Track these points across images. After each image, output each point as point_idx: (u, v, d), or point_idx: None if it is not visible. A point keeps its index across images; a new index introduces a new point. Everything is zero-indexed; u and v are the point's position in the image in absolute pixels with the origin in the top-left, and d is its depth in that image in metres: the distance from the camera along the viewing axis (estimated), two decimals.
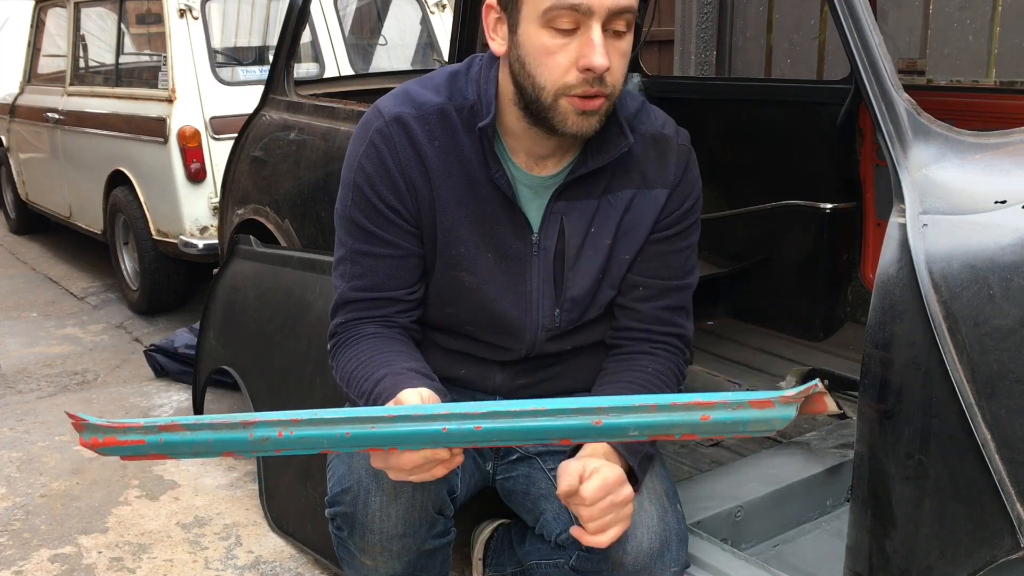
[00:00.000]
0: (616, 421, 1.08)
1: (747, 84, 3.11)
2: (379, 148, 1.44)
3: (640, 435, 1.10)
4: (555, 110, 1.32)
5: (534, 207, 1.47)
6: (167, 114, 3.97)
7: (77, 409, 3.28)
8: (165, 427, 1.09)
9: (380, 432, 1.10)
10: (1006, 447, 1.14)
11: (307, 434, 1.09)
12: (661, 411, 1.07)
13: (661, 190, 1.48)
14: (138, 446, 1.10)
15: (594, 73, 1.28)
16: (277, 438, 1.09)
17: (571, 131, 1.34)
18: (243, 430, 1.09)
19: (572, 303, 1.50)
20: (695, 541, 1.60)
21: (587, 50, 1.27)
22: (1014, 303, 1.13)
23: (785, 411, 1.05)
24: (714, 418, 1.06)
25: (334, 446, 1.11)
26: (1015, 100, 2.37)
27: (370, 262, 1.47)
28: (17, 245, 6.13)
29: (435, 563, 1.52)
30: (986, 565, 1.19)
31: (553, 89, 1.31)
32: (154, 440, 1.10)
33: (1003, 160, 1.26)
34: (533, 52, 1.31)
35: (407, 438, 1.10)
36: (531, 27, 1.30)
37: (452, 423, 1.09)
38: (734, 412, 1.06)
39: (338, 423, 1.09)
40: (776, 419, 1.06)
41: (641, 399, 1.08)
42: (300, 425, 1.09)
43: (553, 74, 1.30)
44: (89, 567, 2.30)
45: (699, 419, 1.06)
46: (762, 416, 1.06)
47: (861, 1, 1.32)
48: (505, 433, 1.10)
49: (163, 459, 1.14)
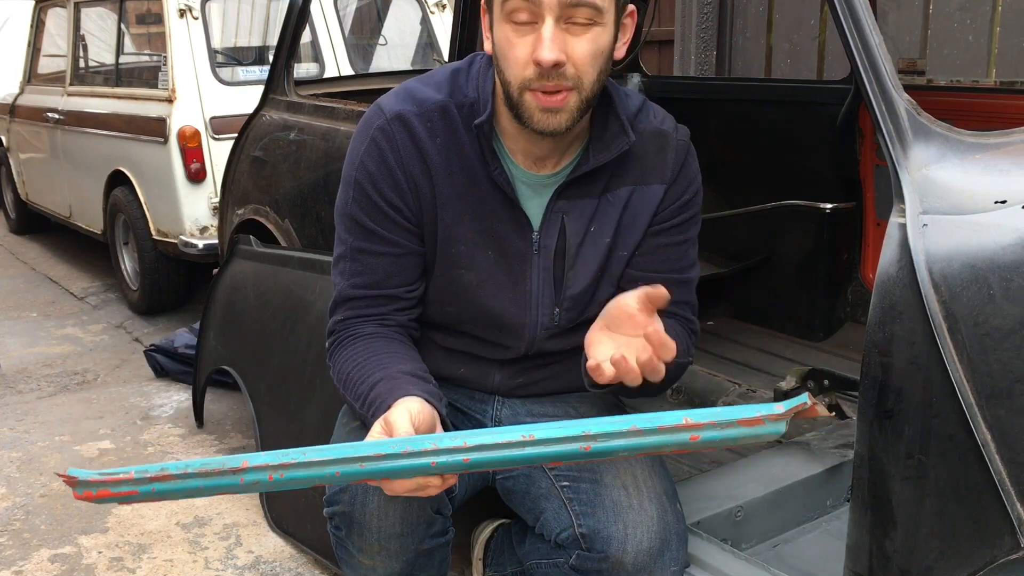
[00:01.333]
0: (604, 446, 1.08)
1: (747, 84, 3.11)
2: (381, 145, 1.44)
3: (630, 454, 1.10)
4: (522, 106, 1.33)
5: (534, 205, 1.47)
6: (167, 114, 3.97)
7: (76, 409, 3.28)
8: (156, 477, 1.12)
9: (369, 470, 1.11)
10: (1006, 447, 1.14)
11: (297, 475, 1.11)
12: (649, 434, 1.06)
13: (659, 185, 1.48)
14: (132, 496, 1.14)
15: (541, 65, 1.28)
16: (267, 481, 1.11)
17: (538, 127, 1.34)
18: (233, 476, 1.11)
19: (572, 302, 1.50)
20: (695, 541, 1.60)
21: (537, 43, 1.28)
22: (1014, 303, 1.13)
23: (774, 427, 1.04)
24: (703, 438, 1.06)
25: (326, 483, 1.15)
26: (1015, 100, 2.37)
27: (369, 260, 1.47)
28: (17, 245, 6.13)
29: (433, 562, 1.52)
30: (986, 565, 1.19)
31: (516, 83, 1.32)
32: (146, 490, 1.13)
33: (1003, 160, 1.26)
34: (500, 47, 1.33)
35: (396, 473, 1.12)
36: (499, 23, 1.32)
37: (440, 457, 1.10)
38: (723, 431, 1.05)
39: (327, 464, 1.10)
40: (766, 435, 1.05)
41: (627, 422, 1.07)
42: (290, 468, 1.10)
43: (514, 68, 1.31)
44: (89, 567, 2.30)
45: (688, 439, 1.06)
46: (751, 432, 1.05)
47: (861, 1, 1.32)
48: (494, 463, 1.11)
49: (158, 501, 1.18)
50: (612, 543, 1.42)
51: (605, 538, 1.43)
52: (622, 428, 1.06)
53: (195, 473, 1.11)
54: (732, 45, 4.96)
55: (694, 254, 1.54)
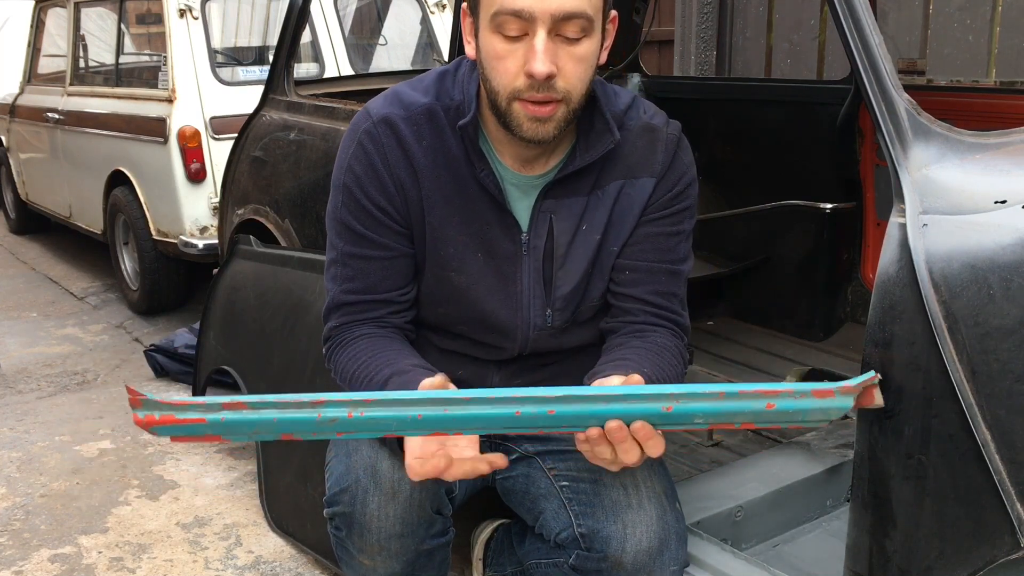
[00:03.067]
0: (685, 407, 1.09)
1: (747, 84, 3.11)
2: (367, 149, 1.44)
3: (704, 423, 1.10)
4: (510, 114, 1.33)
5: (523, 206, 1.47)
6: (167, 114, 3.97)
7: (76, 409, 3.28)
8: (228, 405, 1.05)
9: (453, 415, 1.08)
10: (1006, 447, 1.14)
11: (377, 415, 1.06)
12: (729, 398, 1.08)
13: (648, 179, 1.47)
14: (197, 425, 1.05)
15: (535, 79, 1.28)
16: (346, 418, 1.06)
17: (527, 136, 1.34)
18: (311, 409, 1.06)
19: (563, 301, 1.50)
20: (695, 541, 1.60)
21: (530, 56, 1.28)
22: (1014, 303, 1.13)
23: (844, 401, 1.08)
24: (778, 406, 1.08)
25: (401, 428, 1.09)
26: (1015, 100, 2.37)
27: (360, 264, 1.47)
28: (17, 245, 6.13)
29: (434, 563, 1.52)
30: (986, 565, 1.19)
31: (505, 93, 1.32)
32: (215, 419, 1.05)
33: (1003, 160, 1.26)
34: (488, 56, 1.32)
35: (480, 421, 1.09)
36: (485, 32, 1.32)
37: (527, 406, 1.08)
38: (797, 401, 1.08)
39: (411, 404, 1.07)
40: (835, 409, 1.08)
41: (711, 387, 1.09)
42: (371, 406, 1.06)
43: (504, 79, 1.31)
44: (89, 567, 2.30)
45: (764, 407, 1.08)
46: (822, 405, 1.08)
47: (861, 1, 1.32)
48: (576, 418, 1.10)
49: (215, 440, 1.09)
50: (611, 543, 1.42)
51: (604, 538, 1.43)
52: (705, 391, 1.08)
53: (270, 403, 1.06)
54: (732, 45, 4.97)
55: (686, 248, 1.53)
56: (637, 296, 1.49)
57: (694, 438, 2.33)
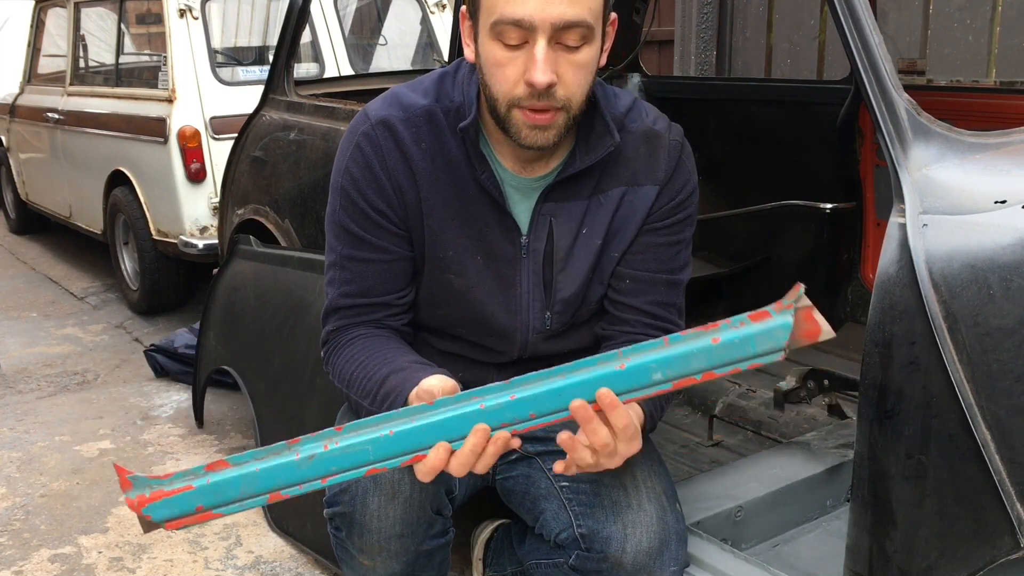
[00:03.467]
0: (637, 362, 1.11)
1: (747, 84, 3.11)
2: (365, 151, 1.43)
3: (664, 379, 1.11)
4: (509, 121, 1.33)
5: (523, 209, 1.47)
6: (167, 114, 3.97)
7: (76, 409, 3.28)
8: (211, 466, 1.10)
9: (422, 424, 1.11)
10: (1006, 447, 1.14)
11: (352, 442, 1.10)
12: (674, 344, 1.11)
13: (651, 187, 1.47)
14: (187, 494, 1.09)
15: (535, 88, 1.28)
16: (323, 451, 1.10)
17: (525, 143, 1.34)
18: (288, 451, 1.10)
19: (563, 305, 1.50)
20: (695, 541, 1.59)
21: (530, 65, 1.27)
22: (1014, 303, 1.13)
23: (782, 318, 1.10)
24: (723, 339, 1.10)
25: (378, 451, 1.12)
26: (1015, 100, 2.37)
27: (358, 267, 1.47)
28: (17, 245, 6.13)
29: (434, 563, 1.52)
30: (986, 565, 1.19)
31: (504, 100, 1.31)
32: (201, 483, 1.09)
33: (1003, 160, 1.26)
34: (487, 63, 1.32)
35: (449, 425, 1.12)
36: (484, 39, 1.31)
37: (488, 398, 1.12)
38: (738, 330, 1.10)
39: (380, 423, 1.11)
40: (777, 328, 1.10)
41: (652, 341, 1.12)
42: (343, 434, 1.11)
43: (503, 86, 1.31)
44: (89, 567, 2.30)
45: (710, 342, 1.10)
46: (764, 328, 1.10)
47: (861, 1, 1.32)
48: (539, 398, 1.12)
49: (208, 518, 1.12)
50: (611, 543, 1.42)
51: (604, 538, 1.43)
52: (651, 343, 1.12)
53: (249, 456, 1.10)
54: (732, 45, 4.97)
55: (686, 256, 1.53)
56: (635, 306, 1.49)
57: (694, 438, 2.33)
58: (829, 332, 1.13)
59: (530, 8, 1.23)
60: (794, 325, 1.10)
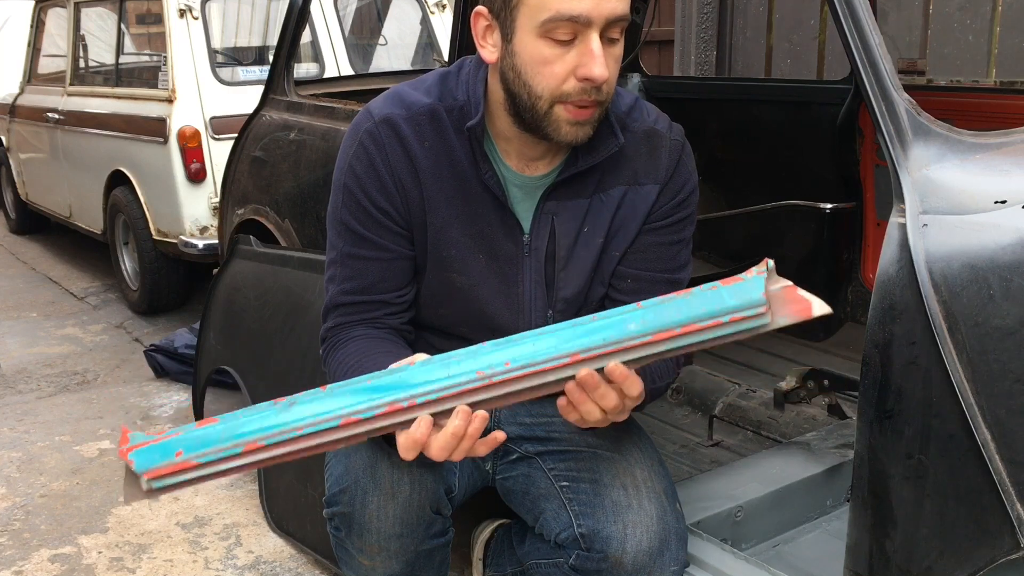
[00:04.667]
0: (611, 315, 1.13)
1: (747, 84, 3.11)
2: (368, 149, 1.43)
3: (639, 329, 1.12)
4: (549, 118, 1.33)
5: (525, 208, 1.47)
6: (167, 114, 3.97)
7: (76, 409, 3.28)
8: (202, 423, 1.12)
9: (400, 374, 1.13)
10: (1006, 447, 1.14)
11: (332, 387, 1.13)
12: (649, 308, 1.13)
13: (652, 186, 1.47)
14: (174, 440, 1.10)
15: (593, 83, 1.28)
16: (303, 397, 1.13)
17: (565, 139, 1.35)
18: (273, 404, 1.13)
19: (565, 304, 1.50)
20: (695, 541, 1.60)
21: (587, 60, 1.27)
22: (1014, 303, 1.13)
23: (755, 282, 1.12)
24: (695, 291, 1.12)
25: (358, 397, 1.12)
26: (1015, 100, 2.37)
27: (359, 265, 1.47)
28: (17, 245, 6.13)
29: (433, 563, 1.52)
30: (986, 565, 1.19)
31: (550, 97, 1.31)
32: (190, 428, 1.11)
33: (1003, 160, 1.26)
34: (530, 62, 1.31)
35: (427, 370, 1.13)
36: (527, 37, 1.30)
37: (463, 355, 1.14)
38: (710, 293, 1.12)
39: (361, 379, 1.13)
40: (749, 283, 1.11)
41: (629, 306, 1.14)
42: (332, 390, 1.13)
43: (551, 83, 1.30)
44: (89, 567, 2.30)
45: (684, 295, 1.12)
46: (736, 291, 1.11)
47: (861, 1, 1.32)
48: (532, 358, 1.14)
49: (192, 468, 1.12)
50: (612, 543, 1.42)
51: (605, 538, 1.43)
52: (626, 309, 1.13)
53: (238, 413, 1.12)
54: (732, 45, 4.97)
55: (686, 255, 1.53)
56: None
57: (694, 438, 2.33)
58: (823, 307, 1.14)
59: (587, 4, 1.25)
60: (780, 302, 1.11)
